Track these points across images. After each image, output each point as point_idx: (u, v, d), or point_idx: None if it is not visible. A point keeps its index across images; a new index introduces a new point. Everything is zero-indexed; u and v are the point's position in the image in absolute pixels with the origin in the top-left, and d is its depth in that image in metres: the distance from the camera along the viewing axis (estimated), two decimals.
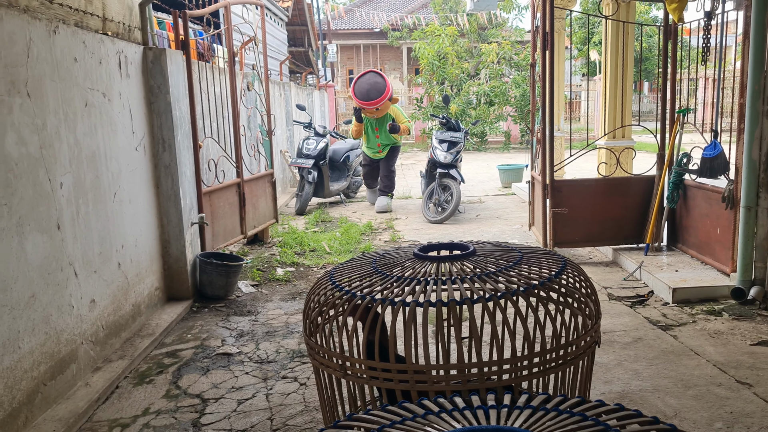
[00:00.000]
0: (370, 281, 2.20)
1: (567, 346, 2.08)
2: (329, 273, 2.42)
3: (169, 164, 4.87)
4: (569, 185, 5.44)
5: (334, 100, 21.64)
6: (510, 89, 17.80)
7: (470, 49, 20.84)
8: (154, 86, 4.78)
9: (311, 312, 2.29)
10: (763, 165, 4.11)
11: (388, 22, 29.72)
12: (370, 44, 35.94)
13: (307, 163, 8.87)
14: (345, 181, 9.77)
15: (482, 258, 2.33)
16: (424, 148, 19.75)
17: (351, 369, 2.09)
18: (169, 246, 4.96)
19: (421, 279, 2.17)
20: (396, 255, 2.47)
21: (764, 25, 4.00)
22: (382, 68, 37.11)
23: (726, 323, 3.98)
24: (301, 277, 5.73)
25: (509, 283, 2.12)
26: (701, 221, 4.94)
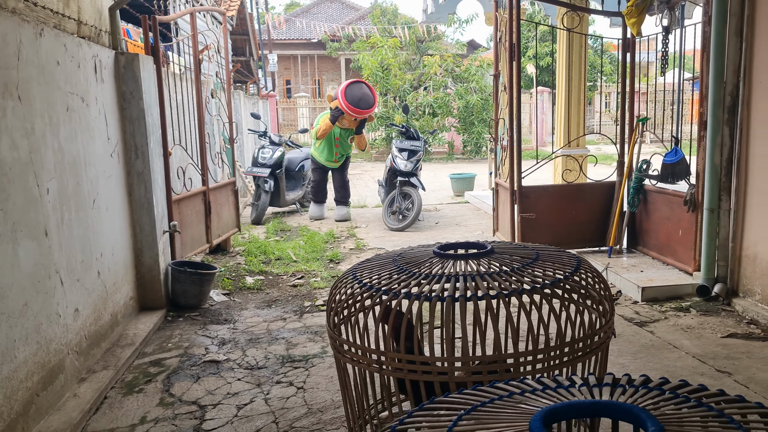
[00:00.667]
0: (398, 278, 2.25)
1: (588, 338, 2.19)
2: (352, 271, 2.46)
3: (142, 171, 4.78)
4: (536, 191, 5.62)
5: (275, 110, 21.50)
6: (453, 101, 18.15)
7: (409, 61, 21.16)
8: (126, 92, 4.69)
9: (339, 308, 2.33)
10: (724, 170, 4.38)
11: (327, 32, 29.77)
12: (308, 54, 35.93)
13: (264, 172, 8.82)
14: (300, 191, 9.76)
15: (501, 256, 2.42)
16: (368, 158, 19.87)
17: (389, 363, 2.13)
18: (142, 255, 4.86)
19: (451, 276, 2.23)
20: (415, 254, 2.53)
21: (723, 41, 4.27)
22: (320, 78, 37.17)
23: (695, 319, 4.21)
24: (271, 285, 5.70)
25: (534, 279, 2.21)
26: (662, 224, 5.20)
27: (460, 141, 19.74)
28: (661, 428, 1.16)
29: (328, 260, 6.51)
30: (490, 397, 1.43)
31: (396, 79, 18.73)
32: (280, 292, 5.45)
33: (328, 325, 2.41)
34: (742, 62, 4.21)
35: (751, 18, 4.14)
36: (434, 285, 2.18)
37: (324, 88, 36.14)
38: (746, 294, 4.33)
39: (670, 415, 1.25)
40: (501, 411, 1.35)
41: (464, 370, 2.06)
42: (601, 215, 5.69)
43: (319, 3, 39.45)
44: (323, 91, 35.82)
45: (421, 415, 1.40)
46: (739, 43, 4.21)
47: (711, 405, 1.28)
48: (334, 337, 2.35)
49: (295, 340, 4.23)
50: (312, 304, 5.01)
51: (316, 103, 29.92)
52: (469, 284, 2.15)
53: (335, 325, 2.36)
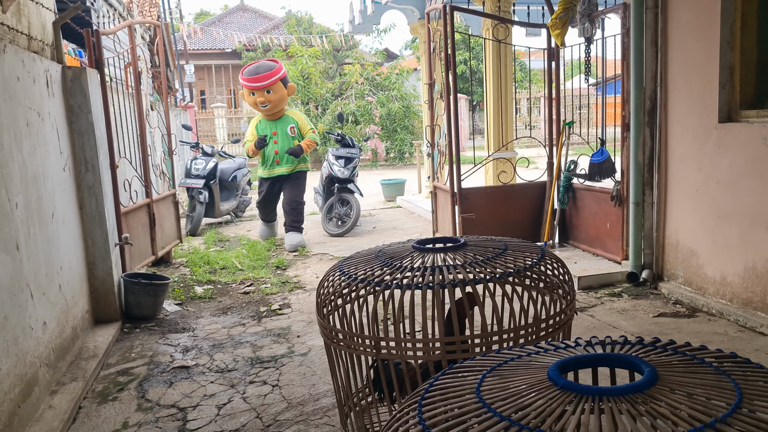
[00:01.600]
0: (389, 271, 2.48)
1: (558, 315, 2.48)
2: (339, 267, 2.66)
3: (92, 185, 4.79)
4: (475, 193, 5.97)
5: (194, 120, 21.23)
6: (375, 109, 18.49)
7: (326, 70, 21.41)
8: (74, 105, 4.70)
9: (329, 300, 2.53)
10: (646, 167, 4.83)
11: (241, 42, 29.56)
12: (222, 65, 35.52)
13: (198, 183, 8.82)
14: (234, 201, 9.79)
15: (474, 248, 2.69)
16: None
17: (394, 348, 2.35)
18: (95, 268, 4.86)
19: (428, 267, 2.47)
20: (395, 249, 2.76)
21: (642, 52, 4.73)
22: (235, 89, 36.78)
23: (628, 302, 4.63)
24: (222, 293, 5.78)
25: (506, 267, 2.48)
26: (591, 219, 5.65)
27: (383, 148, 20.10)
28: (654, 369, 1.44)
29: (274, 267, 6.64)
30: (503, 359, 1.68)
31: (317, 87, 18.92)
32: (233, 300, 5.54)
33: (319, 315, 2.61)
34: (658, 70, 4.68)
35: (664, 30, 4.62)
36: (421, 275, 2.42)
37: (239, 98, 35.83)
38: (670, 278, 4.80)
39: (660, 361, 1.53)
40: (517, 368, 1.60)
41: (457, 348, 2.30)
42: (534, 213, 6.10)
43: (231, 13, 39.09)
44: (239, 102, 35.52)
45: (449, 377, 1.64)
46: (655, 52, 4.68)
47: (693, 355, 1.57)
48: (327, 326, 2.55)
49: (260, 343, 4.37)
50: (268, 309, 5.15)
51: (231, 114, 29.68)
52: (452, 273, 2.40)
53: (325, 315, 2.56)
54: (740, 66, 4.12)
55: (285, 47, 23.95)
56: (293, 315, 4.95)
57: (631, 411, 1.30)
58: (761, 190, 3.91)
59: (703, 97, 4.31)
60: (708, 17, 4.23)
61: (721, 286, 4.27)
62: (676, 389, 1.38)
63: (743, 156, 4.03)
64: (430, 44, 6.28)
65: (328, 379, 3.67)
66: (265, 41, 26.35)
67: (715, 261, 4.31)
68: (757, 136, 3.92)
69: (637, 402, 1.34)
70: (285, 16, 32.34)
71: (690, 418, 1.26)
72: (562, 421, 1.30)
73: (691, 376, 1.46)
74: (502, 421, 1.35)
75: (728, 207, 4.17)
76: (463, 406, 1.46)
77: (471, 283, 2.34)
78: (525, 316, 2.35)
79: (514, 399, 1.43)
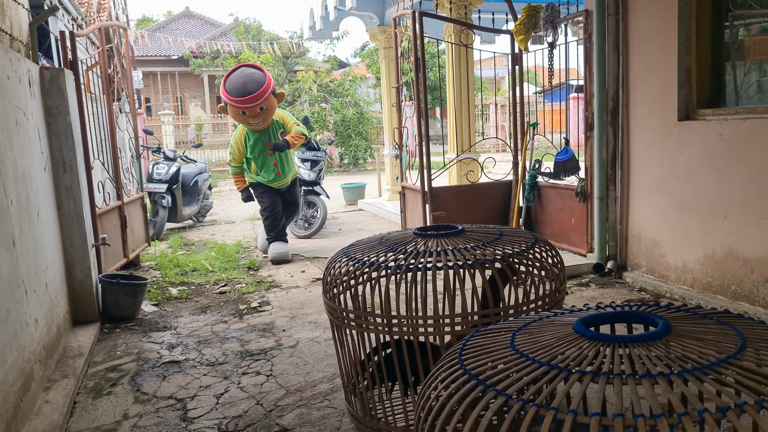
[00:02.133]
0: (395, 256, 2.64)
1: (555, 292, 2.69)
2: (344, 253, 2.81)
3: (71, 186, 4.80)
4: (445, 191, 6.18)
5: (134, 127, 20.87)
6: (329, 115, 18.63)
7: (276, 77, 21.46)
8: (52, 106, 4.71)
9: (338, 281, 2.68)
10: (610, 164, 5.13)
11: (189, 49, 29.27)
12: (168, 71, 35.10)
13: (161, 188, 8.79)
14: (196, 205, 9.78)
15: (471, 234, 2.87)
16: None
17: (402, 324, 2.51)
18: (73, 269, 4.86)
19: (429, 251, 2.65)
20: (398, 236, 2.92)
21: (604, 56, 5.03)
22: (182, 96, 36.38)
23: (596, 291, 4.91)
24: (197, 294, 5.83)
25: (503, 250, 2.68)
26: (556, 215, 5.92)
27: (336, 154, 20.23)
28: (667, 321, 1.65)
29: (246, 268, 6.71)
30: (525, 322, 1.87)
31: None
32: (210, 300, 5.60)
33: (325, 296, 2.75)
34: (620, 72, 4.98)
35: (625, 35, 4.93)
36: (428, 258, 2.59)
37: (187, 105, 35.42)
38: (634, 267, 5.10)
39: (669, 316, 1.74)
40: (543, 327, 1.78)
41: (469, 323, 2.48)
42: (501, 210, 6.35)
43: (176, 19, 38.65)
44: (186, 109, 35.11)
45: (479, 338, 1.81)
46: (617, 56, 4.98)
47: (695, 311, 1.79)
48: (335, 307, 2.69)
49: (246, 337, 4.46)
50: (248, 307, 5.23)
51: (179, 121, 29.37)
52: (457, 256, 2.58)
53: (335, 296, 2.71)
54: (696, 69, 4.45)
55: (236, 54, 23.87)
56: (275, 311, 5.05)
57: (655, 353, 1.50)
58: (718, 182, 4.23)
59: (662, 98, 4.62)
60: (666, 24, 4.55)
61: (683, 273, 4.58)
62: (688, 336, 1.59)
63: (701, 151, 4.35)
64: (397, 49, 6.48)
65: (322, 367, 3.80)
66: (214, 48, 26.17)
67: (677, 250, 4.62)
68: (714, 133, 4.24)
69: (658, 347, 1.53)
70: (233, 23, 32.13)
71: (706, 356, 1.46)
72: (596, 362, 1.49)
73: (698, 326, 1.66)
74: (542, 366, 1.53)
75: (688, 199, 4.49)
76: (501, 357, 1.63)
77: (500, 261, 2.52)
78: (527, 294, 2.54)
79: (547, 350, 1.61)
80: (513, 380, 1.49)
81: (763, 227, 3.97)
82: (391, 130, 10.17)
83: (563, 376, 1.46)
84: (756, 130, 3.97)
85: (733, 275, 4.19)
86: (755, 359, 1.44)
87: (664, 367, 1.41)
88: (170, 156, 9.41)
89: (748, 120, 4.04)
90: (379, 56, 10.57)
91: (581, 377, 1.44)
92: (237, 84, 6.34)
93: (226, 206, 12.21)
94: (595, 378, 1.43)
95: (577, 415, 1.31)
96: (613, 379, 1.41)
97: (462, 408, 1.48)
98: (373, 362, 2.73)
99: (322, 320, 4.72)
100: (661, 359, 1.46)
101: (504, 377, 1.52)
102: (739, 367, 1.41)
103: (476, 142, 7.14)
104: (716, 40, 4.44)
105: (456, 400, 1.50)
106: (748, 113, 4.10)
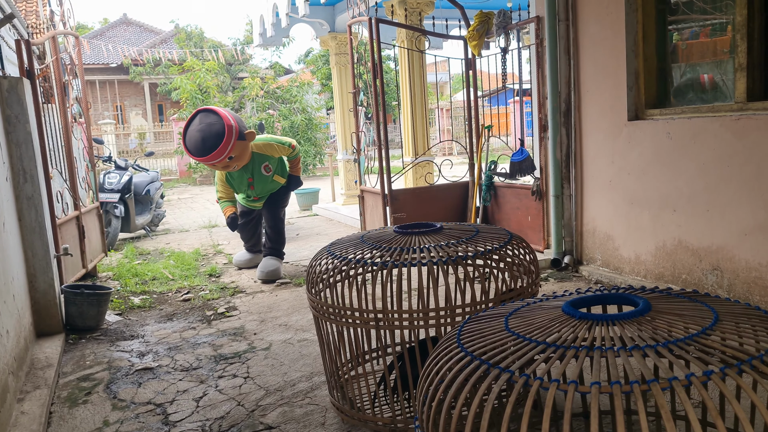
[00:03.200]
0: (379, 253, 2.75)
1: (530, 286, 2.84)
2: (327, 251, 2.91)
3: (32, 195, 4.74)
4: (404, 193, 6.32)
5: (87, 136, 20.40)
6: (277, 122, 18.60)
7: (220, 84, 21.31)
8: (11, 116, 4.65)
9: (321, 277, 2.77)
10: (564, 163, 5.36)
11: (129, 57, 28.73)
12: (107, 80, 34.35)
13: (113, 198, 8.67)
14: (149, 215, 9.67)
15: (449, 231, 3.00)
16: (191, 182, 19.65)
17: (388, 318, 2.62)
18: (35, 280, 4.79)
19: (406, 247, 2.77)
20: (379, 234, 3.03)
21: (556, 60, 5.25)
22: (122, 105, 35.61)
23: (555, 285, 5.12)
24: (161, 302, 5.80)
25: (476, 248, 2.82)
26: (513, 213, 6.13)
27: None
28: (647, 301, 1.80)
29: (207, 275, 6.70)
30: (515, 308, 2.00)
31: (216, 101, 18.81)
32: (174, 307, 5.58)
33: (309, 292, 2.85)
34: (572, 75, 5.22)
35: (575, 40, 5.17)
36: (411, 255, 2.71)
37: (127, 114, 34.72)
38: (589, 261, 5.34)
39: (653, 298, 1.90)
40: (533, 311, 1.92)
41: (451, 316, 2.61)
42: (459, 210, 6.53)
43: (113, 26, 37.85)
44: (126, 117, 34.40)
45: (473, 323, 1.93)
46: (568, 60, 5.22)
47: (668, 292, 1.95)
48: (318, 302, 2.79)
49: (218, 342, 4.49)
50: (215, 313, 5.24)
51: (119, 130, 28.77)
52: (440, 252, 2.71)
53: (317, 292, 2.80)
54: (644, 71, 4.71)
55: (179, 62, 23.56)
56: (243, 316, 5.08)
57: (641, 328, 1.65)
58: (667, 177, 4.49)
59: (612, 99, 4.87)
60: (614, 29, 4.80)
61: (636, 264, 4.83)
62: (668, 313, 1.75)
63: (651, 149, 4.60)
64: (353, 54, 6.59)
65: (299, 367, 3.87)
66: (156, 56, 25.75)
67: (630, 243, 4.87)
68: (662, 131, 4.50)
69: (642, 323, 1.69)
70: (174, 29, 31.65)
71: (687, 329, 1.62)
72: (589, 338, 1.63)
73: (675, 304, 1.83)
74: (539, 345, 1.66)
75: (639, 194, 4.74)
76: (498, 339, 1.76)
77: (459, 260, 2.65)
78: (506, 286, 2.69)
79: (541, 330, 1.74)
80: (514, 358, 1.62)
81: (710, 219, 4.24)
82: (344, 135, 10.29)
83: (560, 352, 1.59)
84: (700, 127, 4.24)
85: (683, 265, 4.46)
86: (727, 329, 1.61)
87: (651, 340, 1.57)
88: (121, 165, 9.29)
89: (693, 119, 4.31)
90: (331, 62, 10.67)
91: (577, 353, 1.58)
92: (196, 140, 5.81)
93: (178, 215, 12.09)
94: (589, 353, 1.57)
95: (578, 385, 1.44)
96: (606, 352, 1.55)
97: (469, 386, 1.59)
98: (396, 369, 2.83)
99: (292, 322, 4.78)
100: (648, 333, 1.62)
101: (505, 356, 1.64)
102: (719, 334, 1.57)
103: (433, 145, 7.31)
104: (661, 43, 4.71)
105: (462, 379, 1.62)
106: (693, 112, 4.38)
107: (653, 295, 1.94)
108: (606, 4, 4.83)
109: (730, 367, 1.42)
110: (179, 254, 7.67)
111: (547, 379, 1.51)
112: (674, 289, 4.22)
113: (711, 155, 4.17)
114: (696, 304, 1.82)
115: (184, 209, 13.00)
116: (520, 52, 5.87)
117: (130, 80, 32.09)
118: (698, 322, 1.65)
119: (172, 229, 10.26)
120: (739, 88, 4.08)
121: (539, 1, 5.37)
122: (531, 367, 1.58)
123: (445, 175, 6.79)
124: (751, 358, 1.44)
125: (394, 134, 22.81)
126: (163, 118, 32.65)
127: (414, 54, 7.43)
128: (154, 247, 8.68)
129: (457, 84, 32.77)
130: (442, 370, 1.72)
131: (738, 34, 4.05)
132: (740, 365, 1.43)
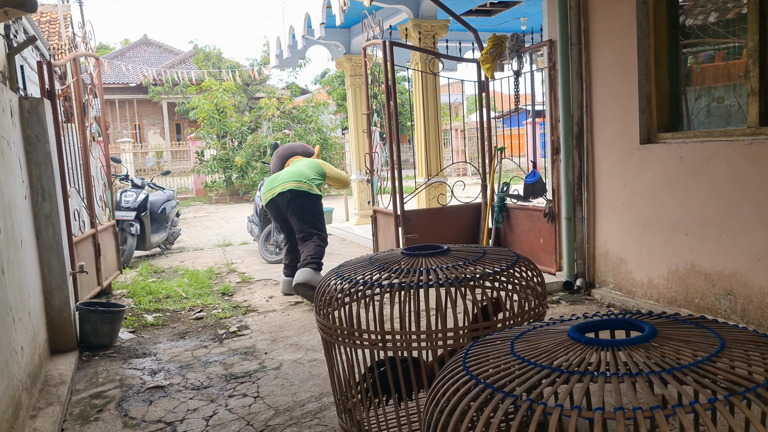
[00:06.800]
0: (387, 275, 2.77)
1: (537, 306, 2.84)
2: (336, 273, 2.93)
3: (49, 214, 4.81)
4: (417, 214, 6.35)
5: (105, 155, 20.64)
6: (292, 141, 18.74)
7: (237, 104, 21.54)
8: (32, 136, 4.74)
9: (330, 300, 2.79)
10: (576, 185, 5.37)
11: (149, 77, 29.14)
12: (126, 99, 34.81)
13: (129, 216, 8.77)
14: (164, 233, 9.75)
15: (457, 253, 3.02)
16: (207, 201, 19.80)
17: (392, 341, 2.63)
18: (51, 297, 4.85)
19: (415, 270, 2.78)
20: (386, 256, 3.05)
21: (569, 83, 5.28)
22: (141, 123, 36.02)
23: (567, 308, 5.10)
24: (173, 320, 5.84)
25: (485, 268, 2.83)
26: (525, 235, 6.14)
27: None
28: (653, 326, 1.81)
29: (220, 294, 6.74)
30: (521, 332, 2.01)
31: (233, 121, 19.00)
32: (187, 326, 5.62)
33: (317, 315, 2.87)
34: (584, 99, 5.25)
35: (588, 64, 5.20)
36: (419, 276, 2.73)
37: (145, 132, 35.15)
38: (602, 284, 5.32)
39: (659, 324, 1.91)
40: (539, 335, 1.93)
41: (460, 336, 2.61)
42: (471, 232, 6.54)
43: (134, 47, 38.42)
44: (144, 136, 34.83)
45: (478, 347, 1.94)
46: (580, 83, 5.25)
47: (675, 318, 1.96)
48: (328, 325, 2.80)
49: (229, 361, 4.51)
50: (227, 331, 5.27)
51: (137, 148, 29.13)
52: (447, 273, 2.72)
53: (326, 314, 2.82)
54: (656, 95, 4.73)
55: (197, 82, 23.85)
56: (254, 335, 5.11)
57: (646, 354, 1.66)
58: (679, 201, 4.48)
59: (625, 122, 4.88)
60: (626, 54, 4.82)
61: (649, 288, 4.80)
62: (674, 339, 1.75)
63: (663, 172, 4.60)
64: (367, 76, 6.66)
65: (308, 387, 3.88)
66: (174, 76, 26.09)
67: (642, 266, 4.85)
68: (674, 155, 4.50)
69: (648, 348, 1.69)
70: (192, 50, 32.09)
71: (694, 355, 1.62)
72: (594, 363, 1.64)
73: (681, 330, 1.83)
74: (544, 369, 1.67)
75: (651, 217, 4.73)
76: (503, 363, 1.77)
77: (465, 281, 2.66)
78: (513, 307, 2.70)
79: (547, 355, 1.75)
80: (519, 383, 1.62)
81: (722, 243, 4.22)
82: (358, 155, 10.35)
83: (565, 377, 1.60)
84: (713, 152, 4.24)
85: (696, 289, 4.43)
86: (733, 356, 1.61)
87: (656, 366, 1.57)
88: (138, 183, 9.40)
89: (705, 142, 4.31)
90: (346, 83, 10.77)
91: (581, 378, 1.58)
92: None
93: (193, 233, 12.18)
94: (594, 378, 1.57)
95: (581, 410, 1.45)
96: (610, 378, 1.55)
97: (473, 410, 1.60)
98: (368, 379, 2.84)
99: (303, 342, 4.80)
100: (652, 359, 1.62)
101: (510, 380, 1.65)
102: (726, 361, 1.57)
103: (446, 166, 7.34)
104: (674, 67, 4.72)
105: (466, 403, 1.63)
106: (705, 136, 4.38)
107: (660, 321, 1.94)
108: (618, 29, 4.86)
109: (735, 395, 1.42)
110: (193, 272, 7.72)
111: (551, 404, 1.52)
112: (684, 314, 4.19)
113: (724, 179, 4.17)
114: (702, 330, 1.82)
115: (199, 227, 13.10)
116: (532, 75, 5.91)
117: (148, 99, 32.55)
118: (704, 349, 1.65)
119: (186, 248, 10.34)
120: (751, 113, 4.08)
121: (552, 25, 5.41)
122: (536, 391, 1.59)
123: (458, 196, 6.81)
124: (756, 386, 1.44)
125: (408, 155, 22.92)
126: (181, 137, 33.09)
127: (428, 75, 7.49)
128: (168, 265, 8.74)
129: (471, 105, 32.92)
130: (448, 393, 1.73)
131: (750, 59, 4.06)
132: (745, 393, 1.43)
